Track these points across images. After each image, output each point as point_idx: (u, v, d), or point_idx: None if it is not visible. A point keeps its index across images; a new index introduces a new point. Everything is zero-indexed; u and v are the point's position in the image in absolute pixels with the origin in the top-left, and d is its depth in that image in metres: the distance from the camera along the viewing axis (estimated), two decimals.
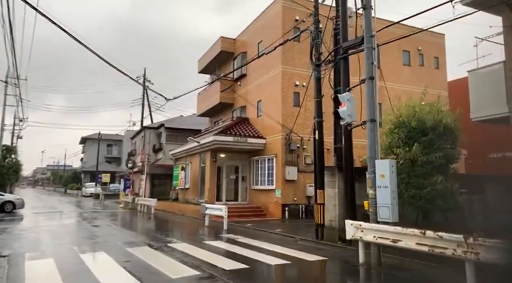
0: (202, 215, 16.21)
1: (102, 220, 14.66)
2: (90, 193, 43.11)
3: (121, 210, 21.70)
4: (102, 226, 12.57)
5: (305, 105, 16.80)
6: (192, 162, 21.12)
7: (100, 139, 46.76)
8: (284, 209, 15.56)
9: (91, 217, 16.05)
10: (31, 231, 11.26)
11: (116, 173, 52.05)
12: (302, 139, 16.51)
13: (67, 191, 55.99)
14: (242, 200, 19.07)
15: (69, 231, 11.50)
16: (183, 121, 30.00)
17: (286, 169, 15.87)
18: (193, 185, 20.57)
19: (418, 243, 5.54)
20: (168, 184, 26.52)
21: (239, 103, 21.22)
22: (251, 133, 18.03)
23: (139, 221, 15.51)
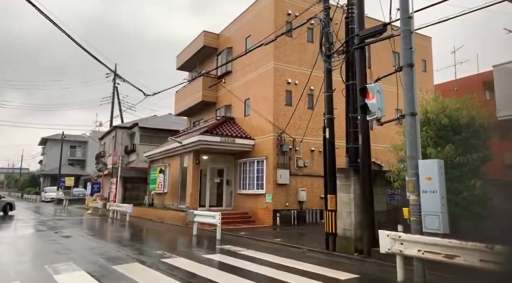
0: (185, 223, 14.78)
1: (71, 229, 12.80)
2: (50, 198, 39.66)
3: (90, 217, 19.61)
4: (74, 236, 10.81)
5: (297, 104, 15.96)
6: (170, 164, 19.54)
7: (63, 140, 43.27)
8: (275, 215, 14.49)
9: (57, 226, 14.07)
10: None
11: (81, 177, 48.62)
12: (295, 140, 15.58)
13: (23, 196, 51.42)
14: (227, 205, 17.79)
15: (35, 244, 9.69)
16: (158, 121, 28.17)
17: (278, 172, 14.84)
18: (172, 189, 18.99)
19: (482, 259, 4.67)
20: (142, 188, 24.62)
21: (223, 101, 19.98)
22: (238, 133, 16.85)
23: (115, 230, 13.76)
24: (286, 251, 8.54)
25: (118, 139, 25.76)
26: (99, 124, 54.24)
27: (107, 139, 29.83)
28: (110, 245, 9.16)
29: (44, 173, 51.86)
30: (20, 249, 8.97)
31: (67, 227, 13.63)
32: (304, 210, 15.15)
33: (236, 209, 17.05)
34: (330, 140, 8.85)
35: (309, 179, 15.76)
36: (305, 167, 15.66)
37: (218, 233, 10.37)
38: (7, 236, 11.19)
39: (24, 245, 9.48)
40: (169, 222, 16.14)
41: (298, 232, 12.44)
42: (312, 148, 16.06)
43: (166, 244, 10.54)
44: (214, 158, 17.83)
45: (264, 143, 15.76)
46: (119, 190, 22.16)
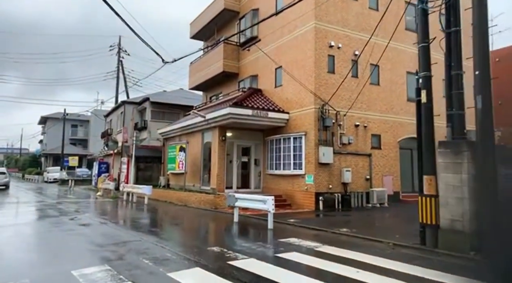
0: (214, 207, 12.99)
1: (87, 215, 11.00)
2: (53, 179, 37.96)
3: (101, 199, 17.84)
4: (94, 224, 9.00)
5: (340, 71, 13.90)
6: (190, 142, 17.60)
7: (64, 118, 41.08)
8: (317, 199, 12.70)
9: (70, 210, 12.27)
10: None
11: (85, 156, 46.82)
12: (338, 113, 13.59)
13: (25, 176, 49.73)
14: (255, 187, 15.99)
15: (49, 235, 7.86)
16: (169, 96, 26.02)
17: (320, 149, 12.92)
18: (192, 169, 17.13)
19: None
20: (155, 168, 22.83)
21: (247, 72, 17.83)
22: (269, 106, 14.82)
23: (139, 215, 11.90)
24: (368, 247, 6.73)
25: (128, 115, 23.70)
26: (101, 102, 52.00)
27: (114, 116, 27.75)
28: (146, 237, 7.31)
29: (46, 153, 49.96)
30: (32, 243, 7.15)
31: (82, 212, 11.83)
32: (349, 193, 13.35)
33: (266, 191, 15.25)
34: (427, 105, 6.87)
35: (353, 158, 13.89)
36: (349, 144, 13.75)
37: (270, 222, 8.54)
38: (13, 224, 9.37)
39: (37, 237, 7.66)
40: (194, 205, 14.36)
41: (353, 219, 10.67)
42: (357, 123, 14.09)
43: (214, 236, 8.71)
44: (240, 135, 15.88)
45: (302, 117, 13.76)
46: (131, 170, 20.32)
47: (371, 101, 14.57)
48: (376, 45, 13.58)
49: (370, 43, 14.60)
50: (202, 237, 8.22)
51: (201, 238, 7.94)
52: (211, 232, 9.18)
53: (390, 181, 14.58)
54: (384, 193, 13.72)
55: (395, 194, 14.61)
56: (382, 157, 14.66)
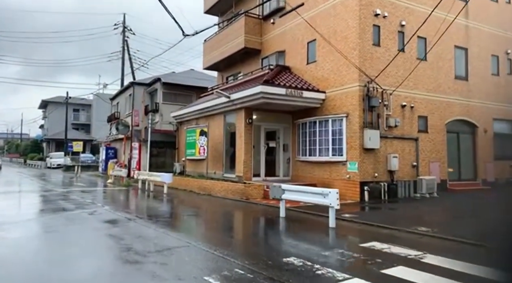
0: (245, 197, 11.58)
1: (108, 208, 9.56)
2: (57, 165, 36.62)
3: (114, 187, 16.45)
4: (121, 221, 7.55)
5: (386, 44, 12.27)
6: (209, 125, 16.07)
7: (66, 102, 39.33)
8: (362, 189, 11.28)
9: (84, 202, 10.86)
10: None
11: (91, 141, 45.39)
12: (383, 92, 12.02)
13: (27, 162, 48.35)
14: (284, 175, 14.56)
15: (71, 237, 6.42)
16: (180, 77, 24.30)
17: (366, 133, 11.42)
18: (212, 155, 15.67)
19: None
20: (169, 153, 21.38)
21: (271, 48, 16.12)
22: (301, 85, 13.22)
23: (165, 209, 10.46)
24: (476, 255, 5.32)
25: (137, 97, 22.05)
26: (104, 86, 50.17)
27: (121, 98, 26.09)
28: (191, 240, 5.80)
29: (48, 138, 48.44)
30: (54, 250, 5.70)
31: (99, 204, 10.42)
32: (395, 181, 11.93)
33: (296, 179, 13.85)
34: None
35: (400, 143, 12.41)
36: (395, 127, 12.23)
37: (332, 219, 7.10)
38: (22, 220, 7.95)
39: (58, 240, 6.16)
40: (220, 195, 12.97)
41: (415, 213, 9.27)
42: (403, 103, 12.54)
43: (273, 239, 7.14)
44: (266, 117, 14.35)
45: (343, 96, 12.19)
46: (144, 156, 18.86)
47: (418, 79, 12.97)
48: (423, 15, 11.91)
49: (417, 12, 12.94)
50: (260, 240, 6.69)
51: (260, 242, 6.45)
52: (266, 232, 7.65)
53: (437, 168, 13.14)
54: (433, 181, 12.30)
55: (442, 183, 13.20)
56: (429, 142, 13.17)
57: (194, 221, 8.71)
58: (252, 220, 9.06)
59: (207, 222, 8.61)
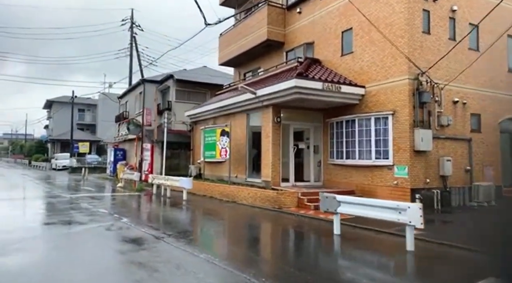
0: (277, 206, 10.16)
1: (126, 221, 8.19)
2: (63, 166, 35.40)
3: (126, 192, 15.11)
4: (145, 241, 6.15)
5: (436, 32, 10.85)
6: (230, 125, 14.69)
7: (71, 102, 38.12)
8: (413, 197, 9.83)
9: (98, 212, 9.49)
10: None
11: (98, 142, 44.23)
12: (435, 86, 10.58)
13: (31, 163, 47.25)
14: (315, 179, 13.14)
15: (83, 264, 5.09)
16: (192, 74, 22.94)
17: (418, 133, 9.99)
18: (234, 158, 14.27)
19: None
20: (183, 155, 20.03)
21: (297, 39, 14.73)
22: (338, 79, 11.81)
23: (194, 222, 9.08)
24: None
25: (148, 95, 20.71)
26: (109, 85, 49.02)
27: (131, 96, 24.80)
28: (250, 275, 4.47)
29: (52, 138, 47.29)
30: None
31: (115, 214, 9.05)
32: (448, 188, 10.49)
33: (329, 185, 12.45)
34: None
35: (452, 144, 10.97)
36: (447, 126, 10.79)
37: (411, 241, 5.67)
38: (26, 238, 6.59)
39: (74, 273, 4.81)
40: (246, 202, 11.58)
41: (492, 229, 7.82)
42: (455, 99, 11.10)
43: (349, 269, 5.86)
44: (295, 116, 12.95)
45: (387, 91, 10.77)
46: (156, 158, 17.52)
47: (469, 71, 11.49)
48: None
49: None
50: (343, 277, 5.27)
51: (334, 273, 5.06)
52: (328, 256, 6.21)
53: (490, 173, 11.67)
54: (490, 188, 10.81)
55: (497, 189, 11.72)
56: (482, 143, 11.71)
57: (234, 239, 7.29)
58: (304, 239, 7.54)
59: (249, 241, 7.17)
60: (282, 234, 7.97)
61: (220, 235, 7.64)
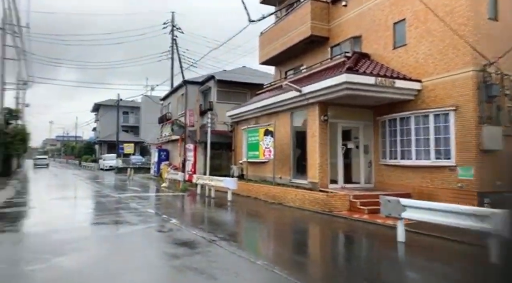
0: (328, 209, 9.62)
1: (175, 222, 8.11)
2: (109, 166, 37.06)
3: (170, 192, 15.31)
4: (197, 244, 5.91)
5: (504, 17, 9.74)
6: (274, 124, 14.33)
7: (116, 105, 39.81)
8: (481, 201, 8.88)
9: (147, 212, 9.55)
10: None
11: (136, 143, 45.95)
12: (505, 78, 9.50)
13: (81, 163, 50.18)
14: (366, 181, 12.41)
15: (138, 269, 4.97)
16: (233, 74, 22.90)
17: (486, 131, 9.00)
18: (278, 158, 13.89)
19: None
20: (225, 156, 20.00)
21: (343, 34, 14.05)
22: (391, 74, 11.02)
23: (244, 224, 8.87)
24: None
25: (190, 96, 20.94)
26: (151, 88, 50.65)
27: (173, 98, 25.31)
28: None
29: (100, 140, 49.86)
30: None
31: (164, 215, 9.03)
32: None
33: (381, 187, 11.66)
34: None
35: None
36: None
37: None
38: (78, 239, 6.66)
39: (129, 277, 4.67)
40: (294, 205, 11.14)
41: None
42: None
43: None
44: (342, 114, 12.29)
45: (448, 85, 9.84)
46: (199, 158, 17.61)
47: None
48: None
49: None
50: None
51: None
52: (407, 271, 5.53)
53: None
54: None
55: None
56: None
57: (290, 245, 6.88)
58: (365, 247, 6.94)
59: (307, 249, 6.75)
60: (340, 240, 7.44)
61: (274, 240, 7.28)
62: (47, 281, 4.27)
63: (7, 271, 4.65)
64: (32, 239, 6.63)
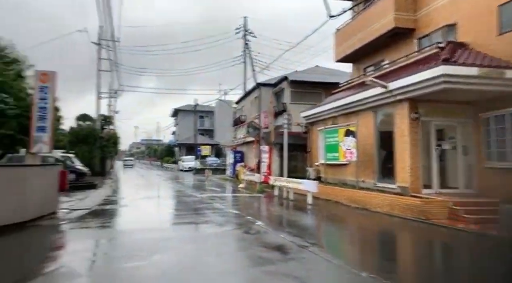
0: (424, 217, 8.61)
1: (261, 224, 7.97)
2: (188, 168, 39.34)
3: (247, 193, 15.50)
4: (290, 249, 5.67)
5: None
6: (355, 124, 13.55)
7: (193, 111, 42.15)
8: None
9: (231, 212, 9.73)
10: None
11: (212, 146, 48.15)
12: None
13: (163, 165, 54.40)
14: (466, 186, 10.96)
15: (234, 274, 4.91)
16: (306, 75, 22.48)
17: None
18: (361, 160, 13.06)
19: None
20: (299, 157, 19.68)
21: (433, 23, 12.69)
22: (495, 63, 9.54)
23: (331, 227, 8.47)
24: None
25: (264, 98, 21.09)
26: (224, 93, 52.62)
27: (246, 101, 25.83)
28: None
29: (179, 143, 53.43)
30: None
31: (248, 216, 9.02)
32: None
33: (487, 194, 10.12)
34: None
35: None
36: None
37: None
38: (167, 238, 6.90)
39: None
40: (381, 210, 10.31)
41: None
42: None
43: None
44: (434, 111, 11.01)
45: None
46: (274, 160, 17.55)
47: None
48: None
49: None
50: None
51: None
52: None
53: None
54: None
55: None
56: None
57: (392, 256, 6.24)
58: (491, 266, 5.82)
59: (412, 263, 6.06)
60: (451, 255, 6.52)
61: (370, 249, 6.67)
62: (151, 278, 4.42)
63: (111, 267, 4.97)
64: (128, 236, 7.08)
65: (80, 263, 5.06)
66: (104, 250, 6.16)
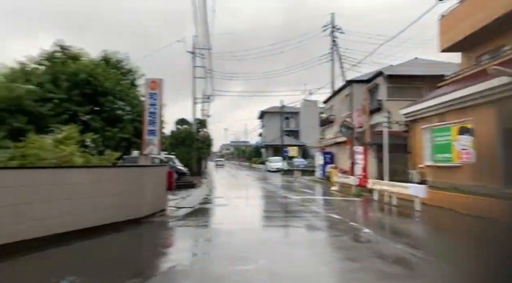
0: None
1: (369, 232, 7.29)
2: (276, 168, 39.82)
3: (342, 197, 14.80)
4: (411, 263, 4.97)
5: None
6: (471, 121, 11.81)
7: (279, 112, 42.51)
8: None
9: (330, 217, 9.29)
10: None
11: (298, 147, 48.00)
12: None
13: (251, 165, 56.35)
14: None
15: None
16: (403, 68, 20.61)
17: None
18: (480, 162, 11.30)
19: None
20: (398, 159, 18.06)
21: None
22: None
23: (453, 242, 7.30)
24: None
25: (356, 96, 20.01)
26: (309, 93, 51.96)
27: (335, 100, 24.93)
28: None
29: (266, 144, 54.63)
30: None
31: (351, 222, 8.49)
32: None
33: None
34: None
35: None
36: None
37: None
38: (265, 241, 6.79)
39: None
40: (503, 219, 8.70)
41: None
42: None
43: None
44: None
45: None
46: (370, 162, 16.44)
47: None
48: None
49: None
50: None
51: None
52: None
53: None
54: None
55: None
56: None
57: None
58: None
59: None
60: None
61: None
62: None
63: (220, 268, 5.01)
64: (229, 236, 7.13)
65: (192, 261, 5.31)
66: (208, 249, 6.30)
